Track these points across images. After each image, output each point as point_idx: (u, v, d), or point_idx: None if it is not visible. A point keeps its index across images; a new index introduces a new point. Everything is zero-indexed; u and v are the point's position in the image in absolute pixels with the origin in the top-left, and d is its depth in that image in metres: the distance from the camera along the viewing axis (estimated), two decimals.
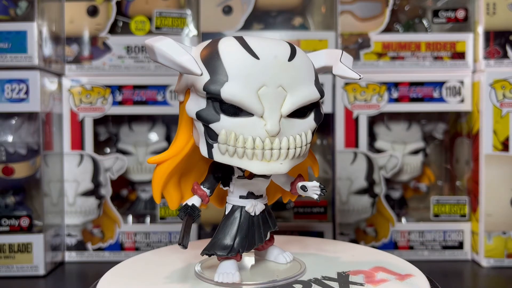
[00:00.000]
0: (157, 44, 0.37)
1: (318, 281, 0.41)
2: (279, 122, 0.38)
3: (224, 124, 0.38)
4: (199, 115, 0.38)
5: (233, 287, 0.41)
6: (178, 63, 0.37)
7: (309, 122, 0.40)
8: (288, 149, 0.39)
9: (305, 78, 0.40)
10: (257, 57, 0.38)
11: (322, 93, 0.40)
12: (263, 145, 0.38)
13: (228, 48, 0.38)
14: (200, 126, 0.39)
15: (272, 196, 0.48)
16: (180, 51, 0.37)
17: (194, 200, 0.41)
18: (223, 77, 0.37)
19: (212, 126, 0.38)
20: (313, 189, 0.42)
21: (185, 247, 0.39)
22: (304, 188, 0.42)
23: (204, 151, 0.40)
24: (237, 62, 0.38)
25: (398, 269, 0.44)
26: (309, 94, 0.39)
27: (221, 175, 0.42)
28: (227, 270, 0.41)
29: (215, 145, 0.39)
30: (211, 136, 0.39)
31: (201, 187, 0.42)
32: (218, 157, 0.39)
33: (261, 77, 0.38)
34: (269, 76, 0.38)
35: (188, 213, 0.40)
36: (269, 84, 0.38)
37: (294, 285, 0.40)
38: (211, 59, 0.38)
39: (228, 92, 0.37)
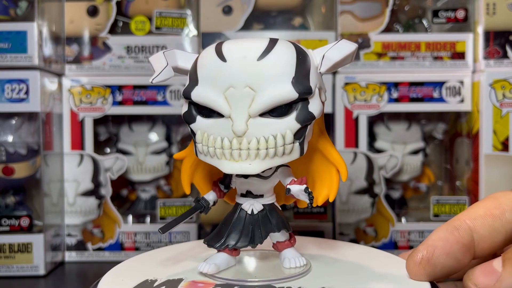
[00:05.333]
0: (150, 59, 0.42)
1: None
2: (247, 122, 0.38)
3: (199, 125, 0.40)
4: (183, 117, 0.41)
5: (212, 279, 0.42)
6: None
7: (289, 122, 0.39)
8: (258, 149, 0.38)
9: (278, 77, 0.38)
10: (224, 60, 0.38)
11: (302, 92, 0.38)
12: (230, 145, 0.39)
13: (203, 54, 0.41)
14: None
15: (280, 197, 0.48)
16: (161, 61, 0.41)
17: (210, 195, 0.45)
18: (195, 82, 0.40)
19: (191, 126, 0.41)
20: (297, 193, 0.40)
21: (162, 232, 0.43)
22: (288, 191, 0.41)
23: (195, 150, 0.42)
24: (206, 66, 0.39)
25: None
26: (281, 93, 0.38)
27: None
28: (211, 260, 0.43)
29: (197, 144, 0.41)
30: (194, 136, 0.41)
31: (218, 183, 0.45)
32: (200, 156, 0.41)
33: (228, 78, 0.38)
34: (235, 77, 0.38)
35: (197, 201, 0.45)
36: (236, 85, 0.38)
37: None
38: (192, 66, 0.41)
39: (197, 94, 0.39)
